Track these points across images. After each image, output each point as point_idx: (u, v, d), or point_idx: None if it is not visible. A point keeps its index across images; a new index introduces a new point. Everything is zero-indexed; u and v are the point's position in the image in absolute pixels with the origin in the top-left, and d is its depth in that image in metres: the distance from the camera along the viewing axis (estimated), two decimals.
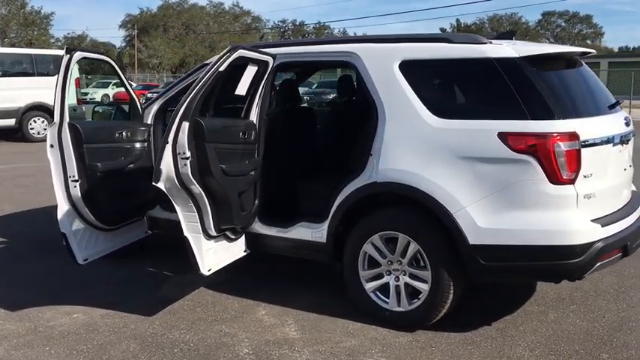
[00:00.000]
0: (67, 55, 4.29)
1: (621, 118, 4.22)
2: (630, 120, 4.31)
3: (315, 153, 5.28)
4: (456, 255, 3.93)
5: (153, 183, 3.78)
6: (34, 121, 16.25)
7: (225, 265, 4.43)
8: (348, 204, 4.26)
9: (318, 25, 79.62)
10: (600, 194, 3.85)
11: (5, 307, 4.59)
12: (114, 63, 4.93)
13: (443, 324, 4.13)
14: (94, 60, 4.87)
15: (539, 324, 4.27)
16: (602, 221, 3.80)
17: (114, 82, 44.88)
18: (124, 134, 4.88)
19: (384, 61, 4.22)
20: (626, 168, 4.25)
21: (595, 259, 3.72)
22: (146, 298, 4.79)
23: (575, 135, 3.67)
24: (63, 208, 4.44)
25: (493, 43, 4.02)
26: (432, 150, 3.94)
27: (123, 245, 5.05)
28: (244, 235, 4.67)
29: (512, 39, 4.35)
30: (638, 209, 4.25)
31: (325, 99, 23.65)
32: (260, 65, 4.38)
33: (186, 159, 3.81)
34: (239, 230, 4.53)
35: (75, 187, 4.41)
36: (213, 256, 4.25)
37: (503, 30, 65.62)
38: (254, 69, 4.32)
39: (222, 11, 73.50)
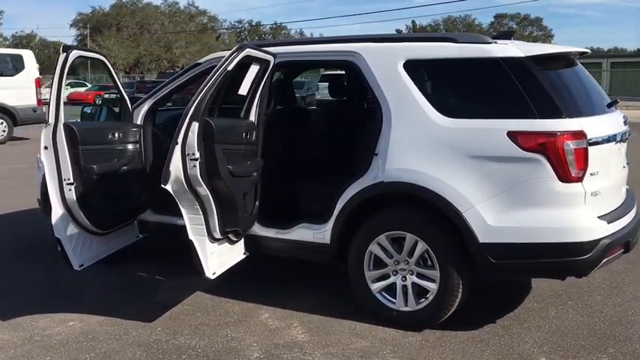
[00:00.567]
0: (64, 54, 4.14)
1: (620, 117, 4.31)
2: (627, 119, 4.40)
3: (313, 153, 5.23)
4: (465, 254, 3.94)
5: (162, 185, 3.67)
6: None
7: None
8: (353, 204, 4.22)
9: (275, 26, 79.37)
10: (604, 192, 3.92)
11: None
12: (107, 62, 4.79)
13: (448, 323, 4.14)
14: (89, 59, 4.72)
15: (541, 320, 4.32)
16: (607, 218, 3.87)
17: (68, 82, 43.85)
18: (116, 135, 4.74)
19: (388, 61, 4.20)
20: (624, 166, 4.34)
21: (602, 255, 3.79)
22: (142, 303, 4.66)
23: (583, 133, 3.73)
24: (57, 212, 4.27)
25: (498, 43, 4.05)
26: (440, 149, 3.94)
27: (116, 250, 4.90)
28: (243, 238, 4.59)
29: (510, 39, 4.39)
30: (634, 206, 4.35)
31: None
32: (262, 64, 4.31)
33: (196, 160, 3.72)
34: (240, 232, 4.45)
35: (70, 190, 4.26)
36: (217, 259, 4.16)
37: (457, 31, 66.70)
38: (256, 68, 4.25)
39: (177, 11, 72.38)
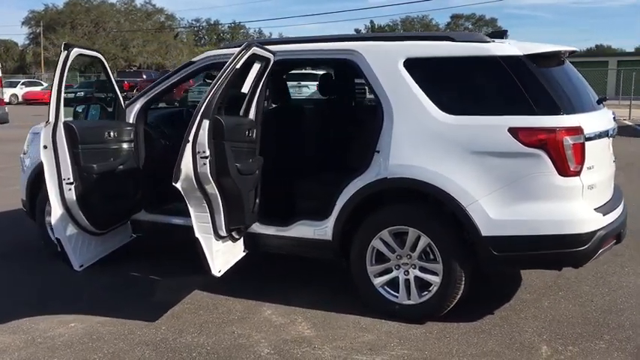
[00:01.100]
0: (65, 52, 4.08)
1: (609, 113, 4.49)
2: (615, 116, 4.59)
3: (310, 151, 5.27)
4: (468, 247, 4.05)
5: (173, 183, 3.67)
6: None
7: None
8: (356, 201, 4.28)
9: (233, 25, 78.96)
10: (598, 185, 4.09)
11: None
12: (104, 60, 4.73)
13: (448, 315, 4.24)
14: (87, 57, 4.65)
15: (536, 311, 4.46)
16: (602, 210, 4.04)
17: (22, 81, 42.72)
18: (111, 134, 4.70)
19: (388, 59, 4.28)
20: (613, 161, 4.52)
21: (598, 246, 3.95)
22: (141, 303, 4.63)
23: (581, 129, 3.88)
24: (57, 212, 4.22)
25: (496, 41, 4.17)
26: (443, 146, 4.04)
27: (112, 250, 4.86)
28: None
29: (503, 38, 4.52)
30: (622, 199, 4.53)
31: None
32: (262, 63, 4.34)
33: (206, 158, 3.72)
34: (242, 230, 4.46)
35: (70, 190, 4.21)
36: (221, 257, 4.17)
37: (414, 31, 67.49)
38: (258, 66, 4.28)
39: (133, 9, 71.23)
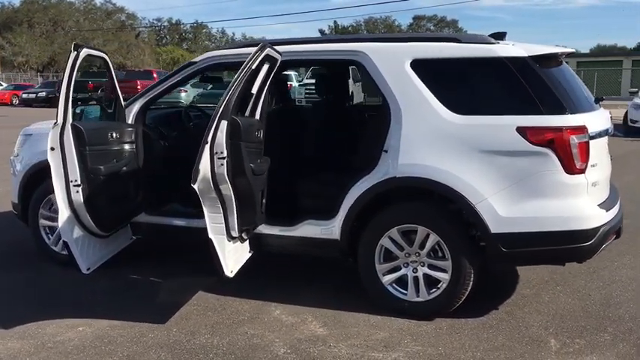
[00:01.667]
0: (75, 52, 4.02)
1: (606, 113, 4.63)
2: (611, 115, 4.74)
3: (313, 151, 5.30)
4: (476, 244, 4.14)
5: (191, 184, 3.65)
6: None
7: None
8: (365, 200, 4.33)
9: (195, 25, 78.24)
10: (600, 182, 4.22)
11: None
12: (109, 60, 4.67)
13: (454, 311, 4.31)
14: (94, 57, 4.58)
15: (538, 305, 4.58)
16: (604, 207, 4.17)
17: None
18: (114, 135, 4.65)
19: (394, 60, 4.34)
20: (611, 159, 4.67)
21: (602, 241, 4.08)
22: (146, 305, 4.59)
23: (586, 128, 4.00)
24: (64, 214, 4.15)
25: (500, 43, 4.27)
26: (451, 145, 4.11)
27: (115, 252, 4.80)
28: None
29: (503, 39, 4.62)
30: (619, 196, 4.68)
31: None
32: (271, 63, 4.35)
33: (223, 159, 3.72)
34: (250, 230, 4.47)
35: (77, 192, 4.15)
36: (233, 258, 4.17)
37: (378, 32, 68.02)
38: (266, 67, 4.29)
39: (93, 7, 69.98)
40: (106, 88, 4.65)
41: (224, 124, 3.69)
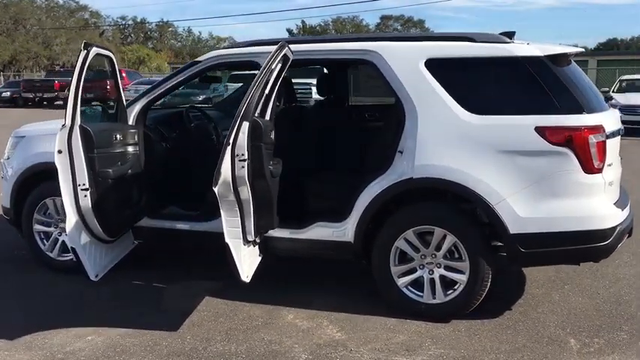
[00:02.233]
0: (85, 51, 3.86)
1: (616, 113, 4.65)
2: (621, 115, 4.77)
3: (321, 152, 5.21)
4: (493, 244, 4.12)
5: (213, 187, 3.54)
6: None
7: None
8: (381, 201, 4.26)
9: (161, 23, 77.25)
10: (614, 182, 4.24)
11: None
12: (114, 59, 4.51)
13: (469, 312, 4.30)
14: (102, 56, 4.40)
15: (551, 305, 4.58)
16: (619, 206, 4.18)
17: None
18: (118, 137, 4.49)
19: (409, 59, 4.28)
20: (621, 159, 4.69)
21: (618, 240, 4.10)
22: (154, 312, 4.44)
23: (603, 127, 4.01)
24: (72, 220, 3.99)
25: (515, 42, 4.25)
26: (469, 145, 4.07)
27: (120, 258, 4.64)
28: None
29: (512, 39, 4.61)
30: (629, 197, 4.71)
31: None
32: (284, 63, 4.25)
33: (244, 161, 3.62)
34: (263, 234, 4.36)
35: (85, 196, 3.99)
36: (247, 262, 4.06)
37: (346, 32, 68.09)
38: (279, 67, 4.18)
39: (55, 5, 68.53)
40: (110, 88, 4.49)
41: (245, 125, 3.59)
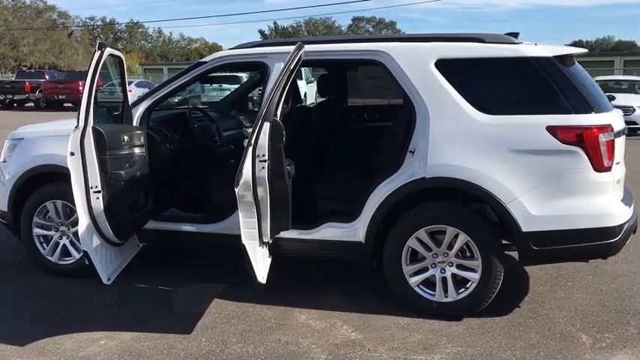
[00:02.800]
0: (99, 52, 3.80)
1: (620, 112, 4.74)
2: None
3: (329, 152, 5.20)
4: (505, 242, 4.17)
5: (234, 188, 3.51)
6: None
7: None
8: (393, 201, 4.28)
9: (131, 24, 76.42)
10: (621, 180, 4.32)
11: (9, 340, 3.95)
12: (124, 60, 4.44)
13: (479, 311, 4.34)
14: (114, 56, 4.33)
15: (557, 302, 4.65)
16: (626, 203, 4.27)
17: None
18: (126, 138, 4.43)
19: (419, 60, 4.31)
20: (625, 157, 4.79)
21: (626, 237, 4.18)
22: (165, 315, 4.39)
23: (611, 127, 4.09)
24: (84, 222, 3.92)
25: (524, 43, 4.31)
26: (481, 145, 4.12)
27: (128, 260, 4.58)
28: None
29: (516, 39, 4.67)
30: (631, 194, 4.81)
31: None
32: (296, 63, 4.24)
33: (264, 162, 3.60)
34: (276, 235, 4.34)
35: (97, 198, 3.92)
36: (262, 263, 4.05)
37: (318, 33, 68.22)
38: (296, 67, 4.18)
39: (22, 5, 67.19)
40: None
41: (267, 125, 3.58)
